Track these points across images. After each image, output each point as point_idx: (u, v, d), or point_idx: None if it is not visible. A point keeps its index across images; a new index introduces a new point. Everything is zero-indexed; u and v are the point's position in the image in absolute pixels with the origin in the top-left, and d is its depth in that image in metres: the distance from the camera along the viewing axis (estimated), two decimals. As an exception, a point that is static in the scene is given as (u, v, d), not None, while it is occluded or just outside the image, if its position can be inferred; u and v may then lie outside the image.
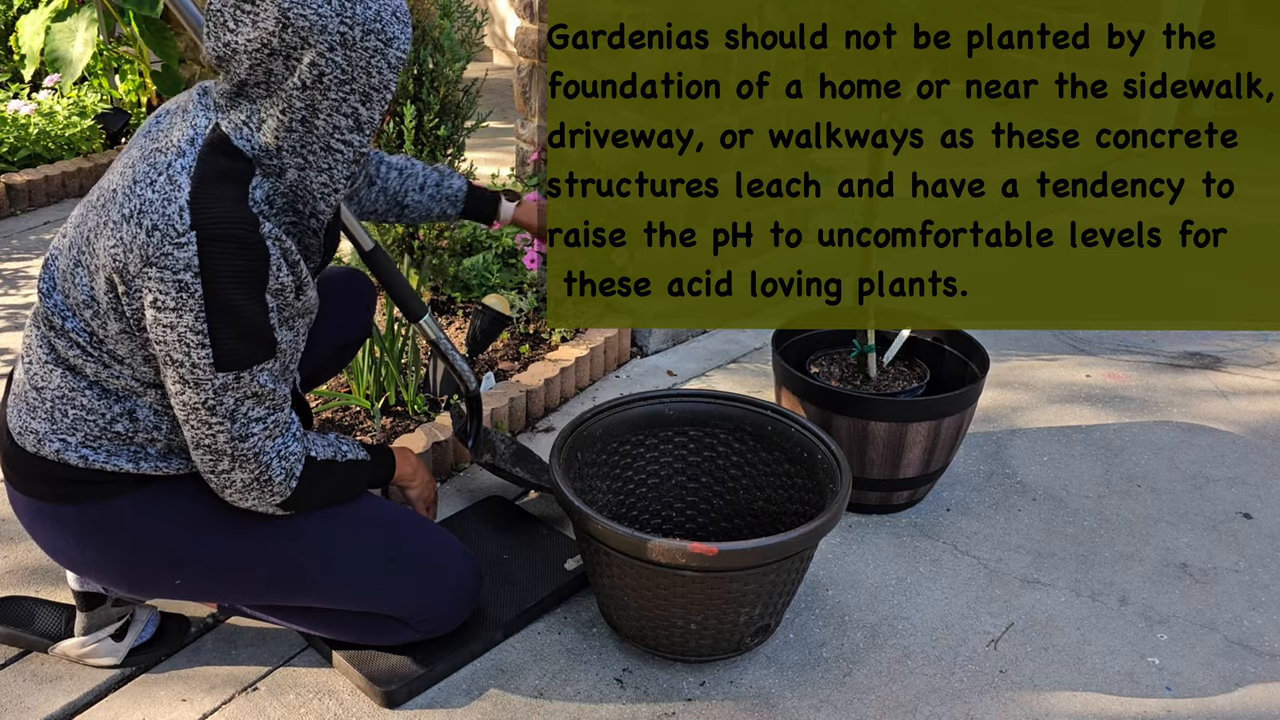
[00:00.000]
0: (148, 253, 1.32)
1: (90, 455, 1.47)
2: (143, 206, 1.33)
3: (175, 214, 1.32)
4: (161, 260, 1.31)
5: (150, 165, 1.37)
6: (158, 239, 1.31)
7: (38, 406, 1.48)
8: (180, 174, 1.34)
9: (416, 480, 1.81)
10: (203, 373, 1.37)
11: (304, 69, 1.32)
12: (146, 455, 1.50)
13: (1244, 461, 2.46)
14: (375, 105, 1.38)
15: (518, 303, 2.78)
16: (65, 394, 1.46)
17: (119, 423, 1.47)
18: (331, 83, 1.33)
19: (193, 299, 1.32)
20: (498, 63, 6.14)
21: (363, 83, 1.35)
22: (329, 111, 1.35)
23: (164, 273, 1.31)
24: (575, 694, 1.75)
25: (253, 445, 1.44)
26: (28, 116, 3.90)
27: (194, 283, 1.32)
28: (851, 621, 1.93)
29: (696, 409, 2.01)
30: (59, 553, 1.56)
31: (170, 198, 1.32)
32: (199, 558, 1.55)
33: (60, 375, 1.46)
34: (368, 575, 1.63)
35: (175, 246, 1.31)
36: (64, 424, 1.47)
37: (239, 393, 1.40)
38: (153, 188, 1.34)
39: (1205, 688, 1.81)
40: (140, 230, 1.32)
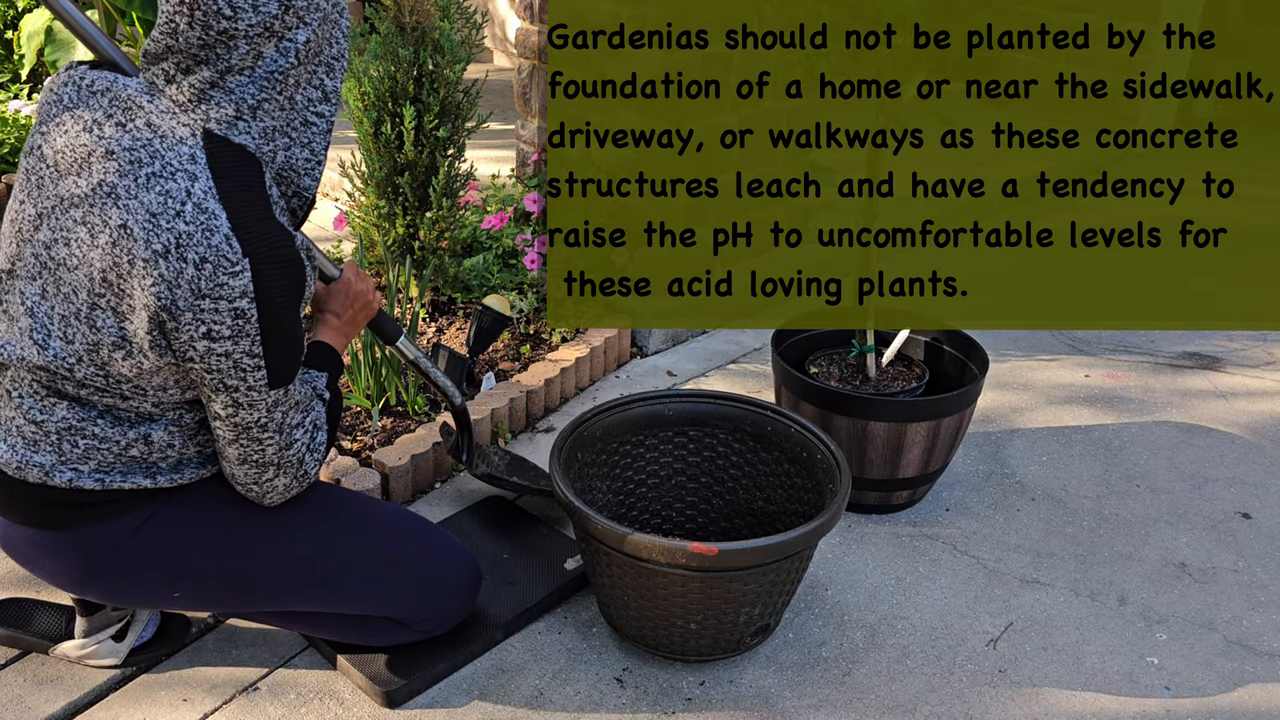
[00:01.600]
0: (199, 285, 1.28)
1: (106, 479, 1.44)
2: (181, 240, 1.28)
3: (222, 243, 1.29)
4: (216, 291, 1.29)
5: (163, 194, 1.29)
6: (209, 270, 1.28)
7: (40, 440, 1.41)
8: (207, 199, 1.29)
9: (353, 305, 1.70)
10: (259, 394, 1.37)
11: (299, 47, 1.33)
12: (160, 470, 1.48)
13: (1243, 461, 2.47)
14: (337, 74, 1.41)
15: (518, 303, 2.78)
16: (73, 425, 1.40)
17: (134, 448, 1.43)
18: (313, 57, 1.36)
19: (249, 324, 1.32)
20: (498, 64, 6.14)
21: (328, 53, 1.39)
22: (305, 85, 1.37)
23: (219, 303, 1.30)
24: (575, 694, 1.75)
25: (296, 452, 1.47)
26: (28, 117, 3.90)
27: (250, 308, 1.31)
28: (851, 621, 1.93)
29: (696, 409, 2.01)
30: (59, 577, 1.52)
31: (210, 228, 1.28)
32: (197, 570, 1.54)
33: (66, 408, 1.40)
34: (367, 579, 1.63)
35: (230, 276, 1.29)
36: (74, 455, 1.41)
37: (286, 404, 1.42)
38: (182, 218, 1.28)
39: (1204, 687, 1.81)
40: (187, 265, 1.28)
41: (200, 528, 1.53)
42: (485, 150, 4.38)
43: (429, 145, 2.66)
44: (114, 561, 1.50)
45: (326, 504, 1.64)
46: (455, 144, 2.74)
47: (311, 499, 1.62)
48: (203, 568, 1.54)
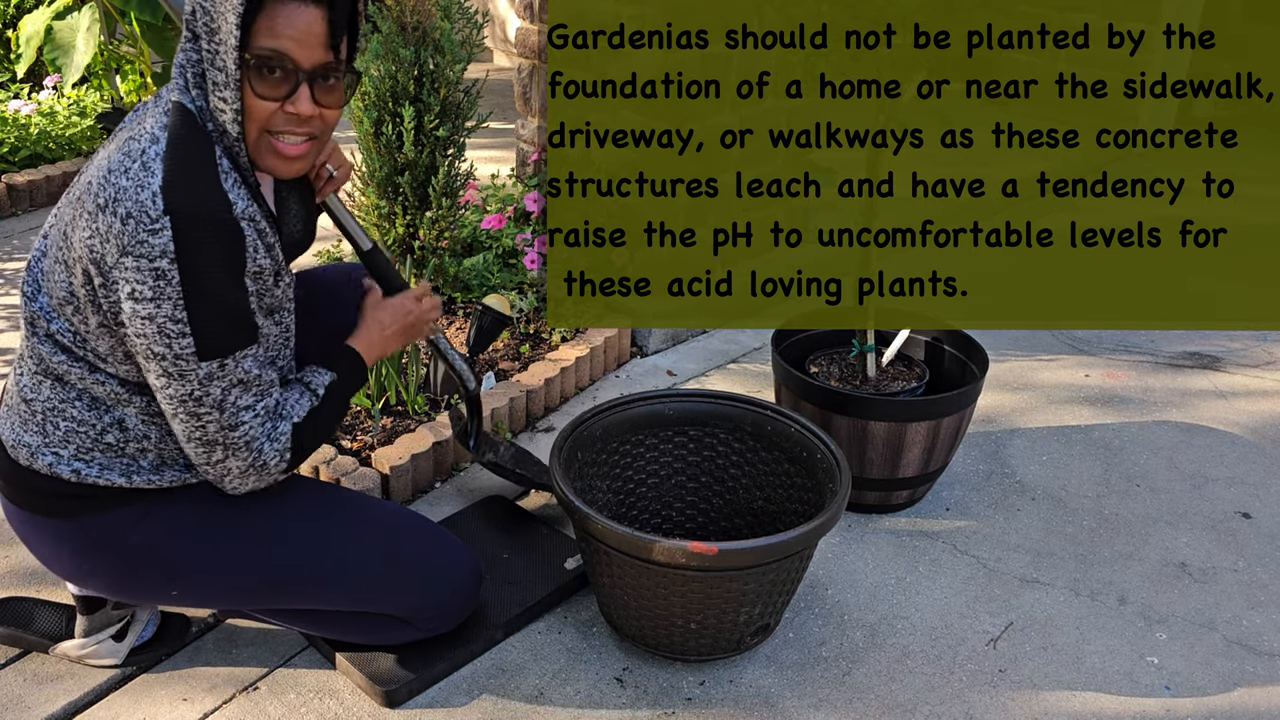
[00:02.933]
0: (123, 242, 1.29)
1: (83, 469, 1.46)
2: (117, 195, 1.30)
3: (149, 200, 1.29)
4: (137, 249, 1.29)
5: (125, 154, 1.34)
6: (132, 227, 1.29)
7: (29, 420, 1.47)
8: (154, 160, 1.32)
9: (402, 321, 1.69)
10: (186, 363, 1.34)
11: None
12: (139, 468, 1.49)
13: (1243, 461, 2.47)
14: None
15: (518, 303, 2.78)
16: (55, 405, 1.45)
17: (109, 433, 1.45)
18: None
19: (170, 286, 1.30)
20: (498, 63, 6.14)
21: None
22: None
23: (140, 261, 1.29)
24: (575, 693, 1.75)
25: (244, 434, 1.42)
26: (28, 117, 3.90)
27: (170, 269, 1.29)
28: (851, 621, 1.94)
29: (696, 409, 2.01)
30: (54, 564, 1.55)
31: (144, 184, 1.30)
32: (195, 569, 1.54)
33: (49, 387, 1.45)
34: (367, 576, 1.63)
35: (150, 233, 1.28)
36: (56, 437, 1.46)
37: (225, 381, 1.38)
38: (127, 175, 1.31)
39: (1204, 687, 1.81)
40: (115, 219, 1.29)
41: (194, 527, 1.53)
42: (485, 150, 4.38)
43: (429, 145, 2.66)
44: (104, 557, 1.51)
45: (325, 502, 1.64)
46: (455, 144, 2.74)
47: (310, 497, 1.62)
48: (199, 567, 1.54)
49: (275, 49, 1.32)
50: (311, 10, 1.33)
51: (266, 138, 1.39)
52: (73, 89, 4.19)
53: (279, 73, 1.34)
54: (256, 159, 1.41)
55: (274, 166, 1.42)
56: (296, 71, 1.35)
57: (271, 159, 1.41)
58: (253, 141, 1.39)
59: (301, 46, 1.34)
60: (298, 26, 1.32)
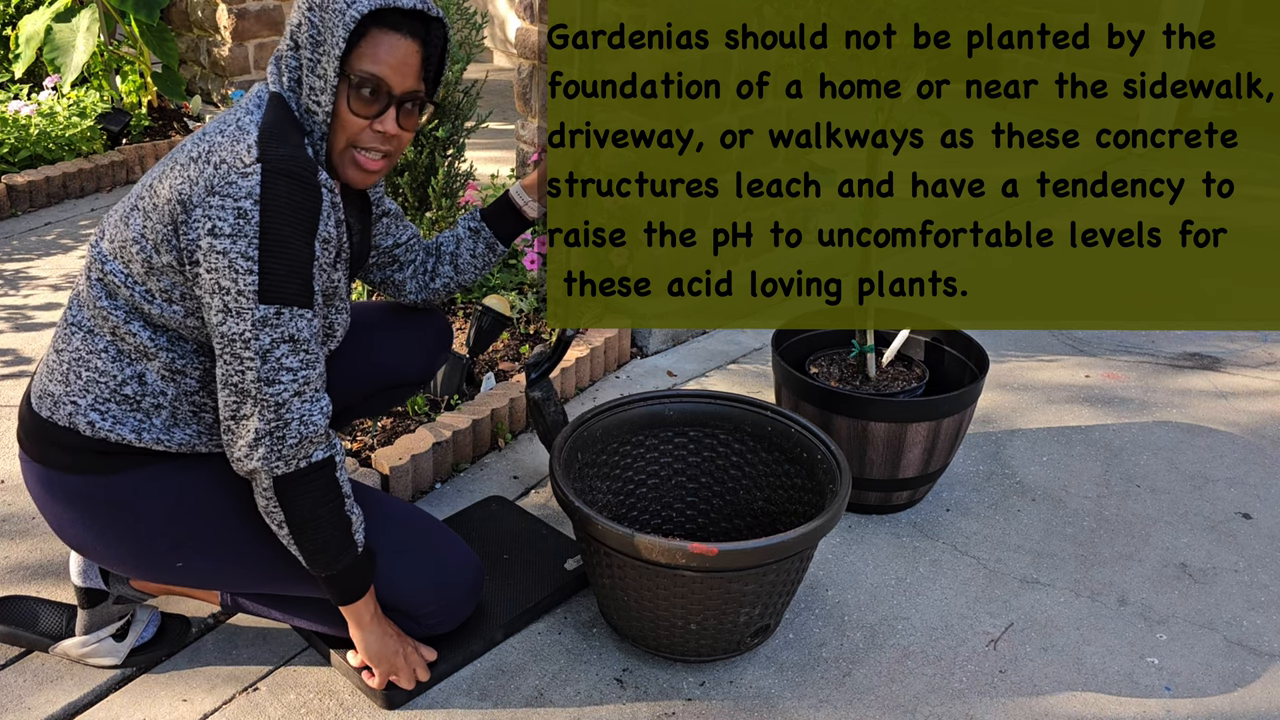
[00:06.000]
0: (213, 183, 1.40)
1: (98, 420, 1.50)
2: (212, 148, 1.43)
3: (244, 150, 1.41)
4: (225, 189, 1.39)
5: (220, 122, 1.49)
6: (224, 170, 1.40)
7: (56, 369, 1.54)
8: (250, 124, 1.45)
9: (386, 644, 1.67)
10: (247, 300, 1.40)
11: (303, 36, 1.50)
12: (150, 425, 1.52)
13: (1243, 462, 2.47)
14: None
15: (518, 303, 2.78)
16: (82, 356, 1.52)
17: (129, 385, 1.51)
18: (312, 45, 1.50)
19: (250, 225, 1.39)
20: (498, 64, 6.14)
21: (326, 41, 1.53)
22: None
23: (225, 200, 1.38)
24: (575, 694, 1.75)
25: (277, 392, 1.44)
26: (28, 117, 3.90)
27: (253, 210, 1.39)
28: (851, 621, 1.93)
29: (696, 409, 2.01)
30: (64, 527, 1.57)
31: (238, 139, 1.43)
32: (201, 540, 1.56)
33: (80, 339, 1.52)
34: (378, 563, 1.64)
35: (240, 176, 1.39)
36: (76, 386, 1.52)
37: (276, 332, 1.42)
38: (222, 134, 1.45)
39: (1204, 688, 1.81)
40: (208, 166, 1.41)
41: (204, 496, 1.56)
42: (485, 150, 4.38)
43: (428, 145, 2.66)
44: (111, 520, 1.54)
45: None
46: (455, 144, 2.74)
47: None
48: (204, 542, 1.57)
49: (374, 73, 1.48)
50: (410, 44, 1.50)
51: (351, 151, 1.54)
52: (72, 89, 4.19)
53: (373, 94, 1.50)
54: (338, 168, 1.55)
55: (352, 177, 1.56)
56: (389, 95, 1.51)
57: (352, 170, 1.55)
58: (338, 152, 1.53)
59: (397, 74, 1.50)
60: (397, 55, 1.49)
